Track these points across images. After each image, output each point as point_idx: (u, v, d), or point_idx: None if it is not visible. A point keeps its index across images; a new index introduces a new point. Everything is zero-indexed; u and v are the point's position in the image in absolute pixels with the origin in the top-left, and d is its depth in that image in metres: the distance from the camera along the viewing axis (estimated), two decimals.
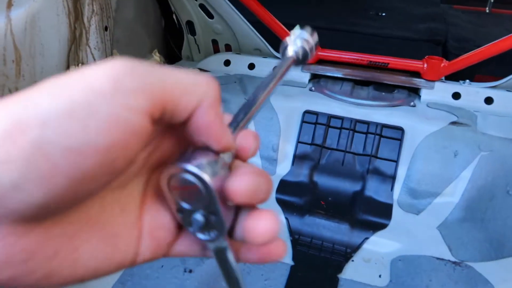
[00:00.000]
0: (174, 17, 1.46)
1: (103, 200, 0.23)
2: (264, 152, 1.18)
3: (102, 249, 0.22)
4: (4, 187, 0.18)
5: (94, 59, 1.13)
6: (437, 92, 1.24)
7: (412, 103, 1.21)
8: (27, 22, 0.99)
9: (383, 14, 1.66)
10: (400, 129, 1.12)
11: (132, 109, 0.19)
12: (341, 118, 1.16)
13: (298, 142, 1.15)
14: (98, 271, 0.23)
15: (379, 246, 0.99)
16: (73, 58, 1.10)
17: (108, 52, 1.16)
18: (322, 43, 1.32)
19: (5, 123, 0.18)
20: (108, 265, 0.23)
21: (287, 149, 1.17)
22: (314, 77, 1.33)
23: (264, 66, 1.34)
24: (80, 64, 1.12)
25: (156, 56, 1.44)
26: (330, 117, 1.16)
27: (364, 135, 1.13)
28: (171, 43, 1.52)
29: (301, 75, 1.31)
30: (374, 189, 1.09)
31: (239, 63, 1.36)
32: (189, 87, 0.21)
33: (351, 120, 1.15)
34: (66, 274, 0.21)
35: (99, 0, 1.09)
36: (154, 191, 0.25)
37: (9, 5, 0.98)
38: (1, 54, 0.97)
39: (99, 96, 0.19)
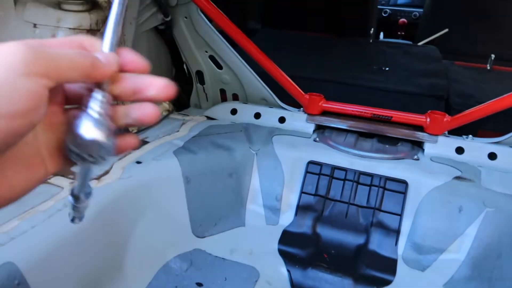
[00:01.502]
0: (184, 66, 1.52)
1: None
2: (267, 202, 1.18)
3: (24, 173, 0.32)
4: None
5: None
6: (441, 146, 1.25)
7: (415, 157, 1.22)
8: None
9: (387, 68, 1.72)
10: (404, 182, 1.12)
11: (40, 85, 0.28)
12: (345, 170, 1.16)
13: (302, 192, 1.15)
14: (25, 189, 0.33)
15: None
16: None
17: None
18: (328, 95, 1.36)
19: None
20: (30, 183, 0.33)
21: (290, 199, 1.16)
22: (319, 128, 1.35)
23: (270, 115, 1.37)
24: None
25: (165, 103, 1.48)
26: (334, 168, 1.17)
27: (368, 188, 1.13)
28: (180, 91, 1.57)
29: (306, 126, 1.33)
30: (378, 243, 1.07)
31: (246, 112, 1.39)
32: (75, 68, 0.31)
33: (354, 171, 1.16)
34: (5, 196, 0.31)
35: None
36: (44, 124, 0.34)
37: None
38: None
39: (17, 75, 0.27)
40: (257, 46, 1.33)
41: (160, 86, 0.36)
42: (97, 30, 1.10)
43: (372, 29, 2.19)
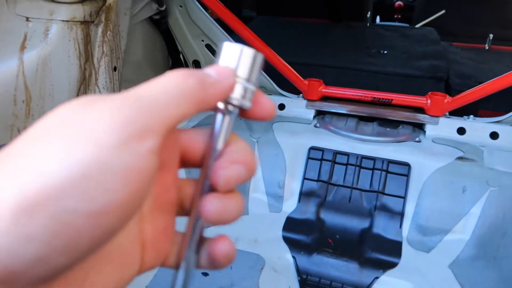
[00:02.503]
0: (181, 56, 1.50)
1: None
2: (270, 189, 1.17)
3: (112, 274, 0.23)
4: (27, 262, 0.17)
5: None
6: (442, 128, 1.24)
7: (417, 139, 1.21)
8: (38, 64, 1.02)
9: (385, 52, 1.70)
10: (407, 165, 1.12)
11: (143, 155, 0.19)
12: (347, 154, 1.16)
13: (304, 178, 1.15)
14: None
15: (390, 286, 0.96)
16: None
17: (116, 91, 1.19)
18: (326, 81, 1.35)
19: (15, 198, 0.17)
20: (119, 284, 0.24)
21: (293, 186, 1.16)
22: (319, 114, 1.35)
23: None
24: None
25: None
26: (336, 153, 1.16)
27: (371, 171, 1.13)
28: None
29: (306, 112, 1.32)
30: (382, 226, 1.07)
31: None
32: (179, 101, 0.22)
33: (357, 156, 1.15)
34: None
35: (109, 42, 1.13)
36: (153, 201, 0.25)
37: (22, 47, 1.01)
38: (12, 94, 1.00)
39: (109, 150, 0.18)
40: (253, 32, 1.32)
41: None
42: (91, 22, 1.09)
43: (369, 13, 2.17)
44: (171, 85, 0.22)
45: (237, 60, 0.25)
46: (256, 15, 2.30)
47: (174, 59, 1.53)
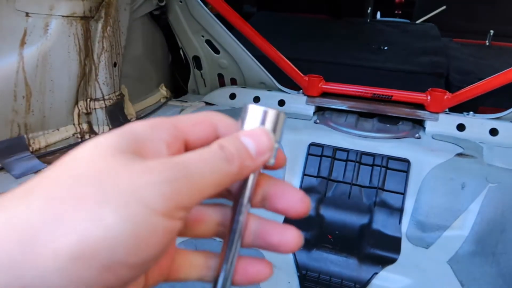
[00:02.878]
0: (181, 52, 1.50)
1: None
2: None
3: None
4: None
5: (103, 94, 1.15)
6: (442, 124, 1.24)
7: (417, 135, 1.21)
8: (38, 60, 1.02)
9: (385, 48, 1.70)
10: (406, 161, 1.12)
11: (179, 221, 0.22)
12: (347, 151, 1.16)
13: (304, 174, 1.15)
14: None
15: (389, 281, 0.96)
16: (82, 93, 1.12)
17: (116, 87, 1.19)
18: (326, 77, 1.35)
19: (75, 244, 0.19)
20: None
21: (293, 182, 1.16)
22: (319, 110, 1.35)
23: (269, 99, 1.36)
24: (88, 99, 1.14)
25: (163, 90, 1.46)
26: (336, 149, 1.16)
27: (370, 168, 1.13)
28: (177, 77, 1.55)
29: (306, 108, 1.32)
30: (381, 222, 1.07)
31: (245, 97, 1.38)
32: (219, 183, 0.24)
33: (356, 152, 1.15)
34: None
35: (109, 38, 1.13)
36: None
37: (22, 43, 1.01)
38: (12, 90, 1.00)
39: (156, 215, 0.21)
40: (254, 28, 1.32)
41: (294, 199, 0.28)
42: (91, 17, 1.08)
43: (369, 8, 2.16)
44: (215, 166, 0.23)
45: (262, 122, 0.26)
46: (257, 10, 2.30)
47: (174, 54, 1.53)
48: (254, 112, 0.26)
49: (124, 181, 0.21)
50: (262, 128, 0.26)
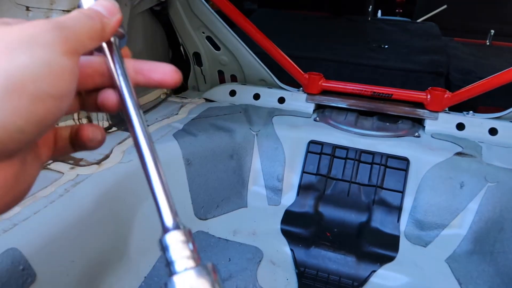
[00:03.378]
0: (181, 48, 1.50)
1: None
2: (269, 182, 1.18)
3: (35, 162, 0.30)
4: (11, 133, 0.24)
5: None
6: (441, 123, 1.24)
7: (416, 134, 1.21)
8: None
9: (386, 46, 1.70)
10: (405, 160, 1.12)
11: (77, 63, 0.28)
12: (346, 149, 1.16)
13: (303, 172, 1.15)
14: (35, 177, 0.31)
15: (387, 279, 0.97)
16: None
17: None
18: (327, 74, 1.34)
19: (2, 81, 0.23)
20: (38, 171, 0.31)
21: (292, 179, 1.16)
22: (319, 108, 1.35)
23: (269, 96, 1.36)
24: None
25: None
26: (335, 147, 1.16)
27: (369, 166, 1.13)
28: None
29: (306, 106, 1.32)
30: (380, 221, 1.07)
31: (245, 94, 1.38)
32: (91, 36, 0.29)
33: (356, 150, 1.15)
34: (26, 189, 0.30)
35: None
36: None
37: None
38: None
39: (60, 55, 0.26)
40: (254, 25, 1.31)
41: (166, 70, 0.33)
42: None
43: (370, 7, 2.16)
44: (85, 22, 0.29)
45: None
46: (257, 7, 2.29)
47: (174, 50, 1.52)
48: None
49: (21, 34, 0.25)
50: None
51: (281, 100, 1.35)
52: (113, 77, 0.32)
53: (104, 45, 0.33)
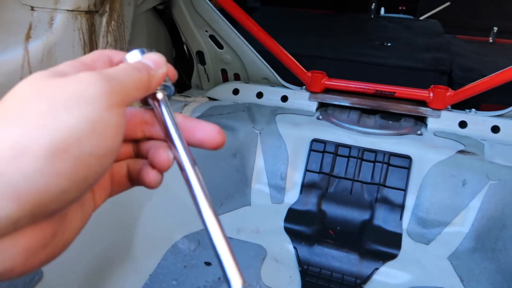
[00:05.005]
0: (184, 47, 1.50)
1: None
2: (272, 180, 1.18)
3: (80, 212, 0.30)
4: (54, 195, 0.24)
5: None
6: (444, 121, 1.25)
7: (419, 132, 1.22)
8: (43, 54, 1.02)
9: (389, 44, 1.70)
10: (408, 158, 1.13)
11: (123, 116, 0.28)
12: (349, 147, 1.16)
13: (306, 170, 1.16)
14: (80, 228, 0.30)
15: (390, 277, 0.98)
16: None
17: None
18: (329, 73, 1.35)
19: (47, 145, 0.23)
20: (84, 221, 0.31)
21: (295, 178, 1.17)
22: (322, 106, 1.35)
23: (272, 95, 1.36)
24: None
25: None
26: (338, 145, 1.17)
27: (372, 164, 1.14)
28: (181, 72, 1.56)
29: (309, 104, 1.33)
30: (383, 218, 1.08)
31: (248, 92, 1.38)
32: (137, 87, 0.30)
33: (358, 148, 1.16)
34: (68, 240, 0.29)
35: (113, 32, 1.13)
36: None
37: (27, 37, 1.02)
38: (17, 82, 1.00)
39: (105, 111, 0.26)
40: (257, 23, 1.32)
41: (209, 131, 0.33)
42: (95, 12, 1.09)
43: (373, 4, 2.16)
44: (134, 75, 0.29)
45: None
46: (260, 5, 2.29)
47: (178, 49, 1.53)
48: (134, 52, 0.33)
49: (66, 89, 0.25)
50: (152, 53, 0.33)
51: (284, 98, 1.35)
52: (163, 129, 0.32)
53: (156, 98, 0.33)
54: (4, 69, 0.98)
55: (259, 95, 1.37)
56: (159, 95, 0.33)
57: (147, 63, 0.31)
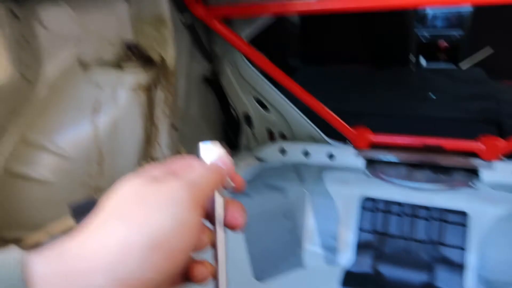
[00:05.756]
0: (232, 111, 1.59)
1: None
2: (324, 241, 1.18)
3: None
4: (146, 283, 0.29)
5: (164, 155, 1.24)
6: (498, 172, 1.21)
7: (472, 185, 1.19)
8: (109, 127, 1.13)
9: (433, 95, 1.70)
10: (464, 214, 1.09)
11: (201, 216, 0.33)
12: (401, 204, 1.15)
13: (359, 229, 1.15)
14: None
15: None
16: (145, 155, 1.22)
17: (175, 147, 1.28)
18: (374, 128, 1.37)
19: (144, 242, 0.28)
20: None
21: (348, 238, 1.16)
22: (369, 162, 1.36)
23: (318, 153, 1.39)
24: (151, 160, 1.23)
25: None
26: (389, 202, 1.16)
27: (427, 221, 1.11)
28: (229, 134, 1.64)
29: (356, 160, 1.34)
30: (443, 280, 1.03)
31: (294, 151, 1.42)
32: (214, 188, 0.37)
33: (411, 205, 1.14)
34: None
35: (169, 104, 1.23)
36: None
37: (96, 112, 1.13)
38: (87, 155, 1.10)
39: (189, 212, 0.31)
40: (299, 83, 1.38)
41: (235, 215, 0.39)
42: (154, 86, 1.20)
43: (412, 55, 2.19)
44: (209, 178, 0.36)
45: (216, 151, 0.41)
46: (301, 64, 2.39)
47: (226, 113, 1.62)
48: (206, 147, 0.40)
49: (160, 195, 0.31)
50: (220, 153, 0.40)
51: (331, 156, 1.37)
52: (212, 222, 0.38)
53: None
54: (76, 142, 1.09)
55: (306, 153, 1.41)
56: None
57: (218, 165, 0.38)
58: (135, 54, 1.19)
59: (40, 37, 1.06)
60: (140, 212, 0.30)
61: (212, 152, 0.40)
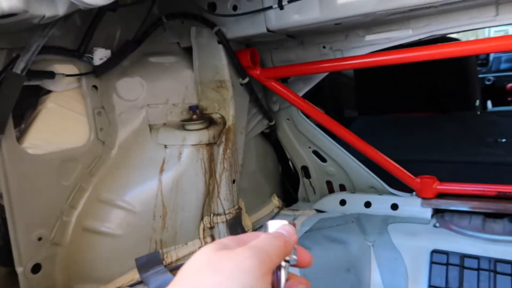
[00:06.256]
0: (290, 163, 1.61)
1: None
2: None
3: None
4: None
5: (224, 209, 1.27)
6: None
7: None
8: (173, 183, 1.19)
9: (503, 140, 1.60)
10: None
11: (269, 283, 0.37)
12: (477, 258, 1.05)
13: (430, 286, 1.06)
14: None
15: None
16: (206, 210, 1.26)
17: (235, 201, 1.30)
18: (440, 177, 1.30)
19: None
20: None
21: None
22: (437, 212, 1.28)
23: (381, 203, 1.34)
24: (212, 215, 1.26)
25: (275, 200, 1.55)
26: (463, 256, 1.07)
27: (510, 277, 1.00)
28: (288, 186, 1.64)
29: (422, 211, 1.27)
30: None
31: (355, 202, 1.38)
32: (280, 255, 0.40)
33: (489, 259, 1.04)
34: None
35: (228, 159, 1.28)
36: None
37: (161, 170, 1.20)
38: (152, 210, 1.17)
39: (257, 279, 0.35)
40: (357, 134, 1.37)
41: None
42: (214, 143, 1.26)
43: (478, 100, 2.09)
44: (276, 245, 0.39)
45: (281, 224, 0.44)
46: (358, 114, 2.38)
47: (284, 165, 1.64)
48: (274, 223, 0.44)
49: (230, 262, 0.35)
50: (285, 224, 0.43)
51: (394, 206, 1.31)
52: None
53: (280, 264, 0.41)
54: (143, 197, 1.17)
55: (367, 204, 1.36)
56: (283, 263, 0.41)
57: (282, 232, 0.41)
58: (198, 115, 1.28)
59: (116, 105, 1.19)
60: (212, 280, 0.34)
61: (278, 225, 0.43)
